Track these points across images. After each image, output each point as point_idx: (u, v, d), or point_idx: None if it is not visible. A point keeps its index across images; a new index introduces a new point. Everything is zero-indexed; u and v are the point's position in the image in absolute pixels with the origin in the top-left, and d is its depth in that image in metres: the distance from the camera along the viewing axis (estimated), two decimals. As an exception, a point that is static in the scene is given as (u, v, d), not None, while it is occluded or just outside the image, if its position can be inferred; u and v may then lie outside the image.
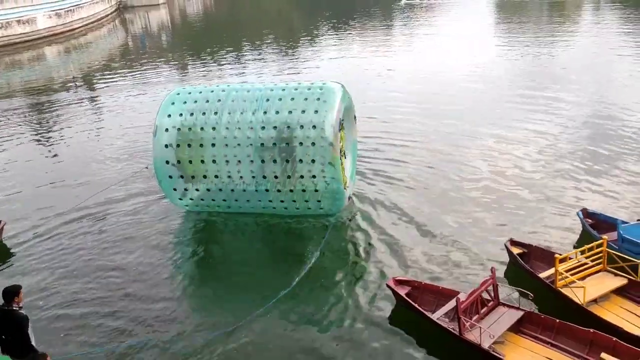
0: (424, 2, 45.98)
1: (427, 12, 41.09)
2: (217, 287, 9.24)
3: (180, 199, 11.17)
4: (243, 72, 25.15)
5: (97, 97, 22.66)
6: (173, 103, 10.84)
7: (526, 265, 8.33)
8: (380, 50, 28.13)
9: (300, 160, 10.23)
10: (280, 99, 10.45)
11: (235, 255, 10.20)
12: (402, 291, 7.98)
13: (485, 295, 7.57)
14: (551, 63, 22.69)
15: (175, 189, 11.01)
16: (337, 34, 34.53)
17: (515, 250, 8.65)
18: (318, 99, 10.25)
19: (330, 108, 10.15)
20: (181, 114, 10.66)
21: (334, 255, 9.85)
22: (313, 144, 10.08)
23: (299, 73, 23.84)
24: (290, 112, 10.26)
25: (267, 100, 10.48)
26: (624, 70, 20.60)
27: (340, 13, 43.54)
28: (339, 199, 10.61)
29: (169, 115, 10.71)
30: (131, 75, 26.27)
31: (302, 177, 10.35)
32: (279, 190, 10.59)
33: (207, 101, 10.74)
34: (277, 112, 10.32)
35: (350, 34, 34.34)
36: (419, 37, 31.77)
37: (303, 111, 10.19)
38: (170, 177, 10.85)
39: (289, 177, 10.40)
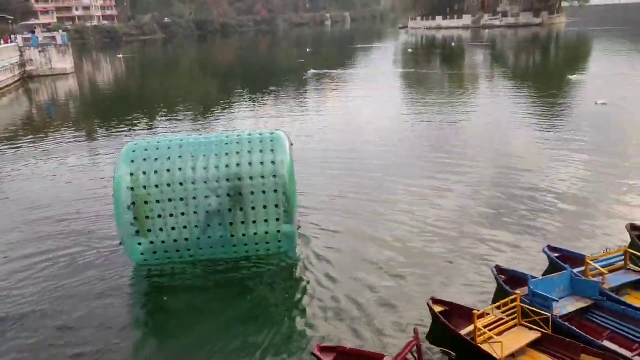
0: (331, 72, 48.07)
1: (335, 82, 42.97)
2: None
3: (139, 243, 11.12)
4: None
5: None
6: (134, 151, 11.16)
7: (448, 323, 8.49)
8: (295, 116, 28.92)
9: (255, 202, 11.04)
10: (238, 143, 11.36)
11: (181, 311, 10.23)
12: (328, 358, 7.81)
13: (411, 357, 7.58)
14: (455, 127, 24.34)
15: (137, 232, 11.02)
16: (251, 103, 35.13)
17: (437, 309, 8.83)
18: (272, 149, 11.28)
19: (283, 152, 11.21)
20: (145, 159, 11.03)
21: (257, 316, 9.78)
22: (268, 187, 11.02)
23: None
24: (245, 156, 11.11)
25: (226, 144, 11.21)
26: (519, 134, 22.43)
27: (253, 84, 44.62)
28: (292, 239, 11.60)
29: (132, 161, 11.01)
30: (35, 144, 25.04)
31: (258, 219, 11.15)
32: (232, 236, 11.24)
33: (169, 148, 11.25)
34: (234, 157, 11.14)
35: (264, 102, 35.08)
36: (330, 103, 33.18)
37: (258, 155, 11.15)
38: (132, 224, 10.97)
39: (243, 214, 11.09)
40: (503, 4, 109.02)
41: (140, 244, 11.24)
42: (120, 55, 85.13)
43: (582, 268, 9.52)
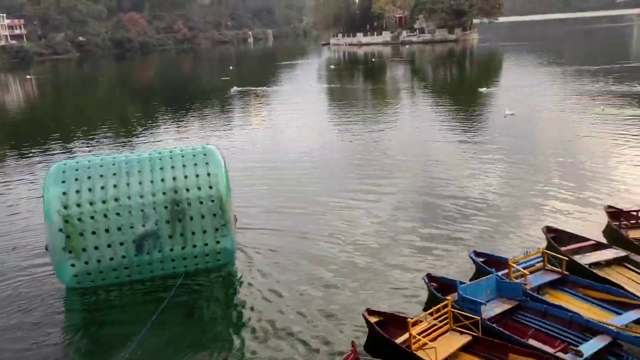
0: (256, 89, 48.00)
1: (260, 98, 43.00)
2: None
3: (75, 275, 10.70)
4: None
5: None
6: (64, 181, 10.58)
7: (383, 332, 8.64)
8: (220, 133, 28.67)
9: (192, 219, 11.02)
10: (172, 167, 11.19)
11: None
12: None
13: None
14: (379, 139, 24.98)
15: (73, 265, 10.63)
16: (176, 121, 34.40)
17: (373, 319, 8.97)
18: (206, 163, 11.31)
19: (218, 169, 11.28)
20: (78, 191, 10.57)
21: (196, 335, 9.57)
22: (207, 208, 11.04)
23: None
24: (182, 180, 10.96)
25: (161, 168, 11.11)
26: (439, 144, 23.31)
27: (176, 102, 43.78)
28: (231, 252, 11.77)
29: (64, 193, 10.53)
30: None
31: (196, 235, 11.13)
32: (172, 260, 11.20)
33: (101, 175, 10.79)
34: (170, 182, 11.03)
35: (189, 120, 34.48)
36: (256, 119, 33.25)
37: (195, 174, 11.11)
38: (68, 257, 10.60)
39: (182, 235, 11.06)
40: (420, 21, 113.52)
41: (75, 275, 10.87)
42: (31, 76, 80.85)
43: (506, 271, 10.01)
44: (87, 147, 27.23)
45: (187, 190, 11.03)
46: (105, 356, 9.20)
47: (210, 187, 11.14)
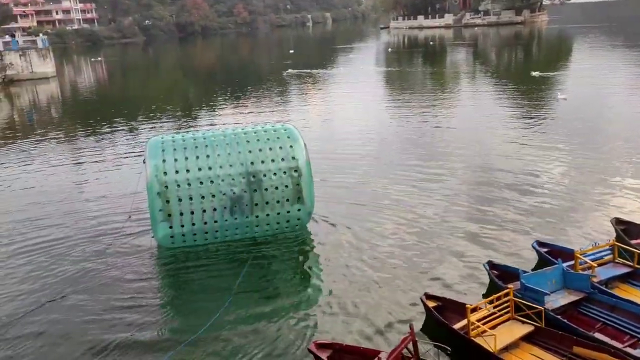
0: (314, 71, 48.04)
1: (318, 81, 43.09)
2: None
3: (171, 236, 12.05)
4: (139, 147, 24.47)
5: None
6: (163, 150, 11.91)
7: (441, 317, 8.55)
8: (277, 113, 28.99)
9: (276, 188, 12.19)
10: (257, 140, 12.40)
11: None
12: (324, 355, 7.84)
13: (406, 352, 7.62)
14: (436, 124, 24.60)
15: (171, 227, 11.88)
16: (234, 102, 35.08)
17: (431, 304, 8.89)
18: (288, 136, 12.53)
19: (298, 145, 12.46)
20: (176, 160, 11.80)
21: (266, 302, 10.26)
22: (288, 179, 12.23)
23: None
24: (267, 152, 12.26)
25: (248, 142, 12.32)
26: (498, 130, 22.63)
27: (235, 83, 44.59)
28: (306, 220, 12.91)
29: (162, 160, 11.77)
30: (16, 149, 24.63)
31: (278, 202, 12.30)
32: (257, 219, 12.31)
33: (195, 147, 12.08)
34: (256, 153, 12.23)
35: (245, 101, 35.08)
36: (314, 102, 33.46)
37: (277, 151, 12.28)
38: (162, 210, 11.75)
39: (267, 203, 12.23)
40: (485, 2, 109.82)
41: (171, 236, 12.06)
42: (101, 58, 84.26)
43: (571, 262, 9.62)
44: (153, 126, 28.16)
45: (273, 170, 12.16)
46: (198, 313, 9.92)
47: (293, 158, 12.28)
